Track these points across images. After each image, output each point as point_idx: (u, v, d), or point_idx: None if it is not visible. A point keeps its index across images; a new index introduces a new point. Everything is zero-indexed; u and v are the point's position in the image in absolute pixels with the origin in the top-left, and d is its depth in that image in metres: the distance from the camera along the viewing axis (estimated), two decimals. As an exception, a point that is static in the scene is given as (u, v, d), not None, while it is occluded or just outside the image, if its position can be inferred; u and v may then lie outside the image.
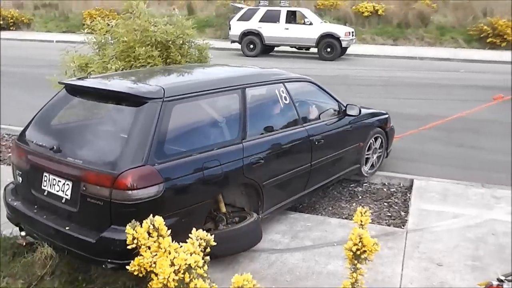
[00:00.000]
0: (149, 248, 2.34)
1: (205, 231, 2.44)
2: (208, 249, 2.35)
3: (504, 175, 5.89)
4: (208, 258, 2.32)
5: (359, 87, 11.76)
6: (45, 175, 3.54)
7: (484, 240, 4.26)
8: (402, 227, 4.65)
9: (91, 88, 3.84)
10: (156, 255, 2.32)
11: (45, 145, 3.59)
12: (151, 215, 2.50)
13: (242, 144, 3.90)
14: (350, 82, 12.51)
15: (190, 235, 2.36)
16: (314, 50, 17.93)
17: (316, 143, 4.66)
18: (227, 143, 3.83)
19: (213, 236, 2.45)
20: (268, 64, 12.51)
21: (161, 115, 3.38)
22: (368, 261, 2.56)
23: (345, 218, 4.85)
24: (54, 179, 3.47)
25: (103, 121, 3.89)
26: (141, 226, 2.43)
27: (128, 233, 2.35)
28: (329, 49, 17.30)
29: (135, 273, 2.36)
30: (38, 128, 3.86)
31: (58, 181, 3.44)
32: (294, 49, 19.13)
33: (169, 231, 2.44)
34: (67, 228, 3.33)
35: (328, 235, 4.39)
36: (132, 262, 2.35)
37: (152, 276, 2.29)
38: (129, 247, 2.34)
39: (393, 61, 17.24)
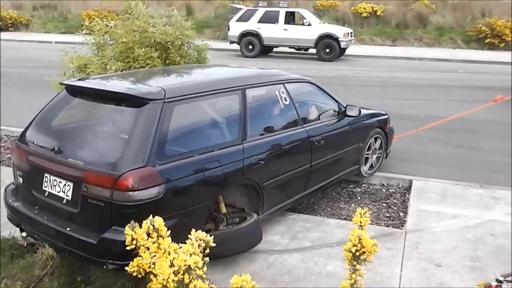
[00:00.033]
0: (148, 249, 2.33)
1: (206, 232, 2.45)
2: (208, 250, 2.34)
3: (503, 176, 5.90)
4: (208, 259, 2.32)
5: (358, 88, 11.77)
6: (46, 176, 3.55)
7: (483, 241, 4.27)
8: (401, 228, 4.66)
9: (92, 89, 3.85)
10: (155, 256, 2.31)
11: (46, 146, 3.59)
12: (152, 216, 2.50)
13: (243, 145, 3.91)
14: (349, 83, 12.51)
15: (190, 236, 2.36)
16: (313, 51, 17.94)
17: (316, 144, 4.67)
18: (228, 144, 3.83)
19: (214, 237, 2.45)
20: (267, 65, 12.50)
21: (162, 116, 3.38)
22: (367, 262, 2.56)
23: (344, 219, 4.85)
24: (55, 180, 3.48)
25: (104, 122, 3.89)
26: (141, 227, 2.43)
27: (127, 234, 2.35)
28: (328, 50, 17.32)
29: (134, 274, 2.35)
30: (39, 129, 3.86)
31: (59, 182, 3.45)
32: (293, 50, 19.13)
33: (170, 232, 2.43)
34: (68, 229, 3.33)
35: (327, 236, 4.39)
36: (131, 263, 2.34)
37: (151, 277, 2.28)
38: (128, 248, 2.34)
39: (392, 62, 17.25)
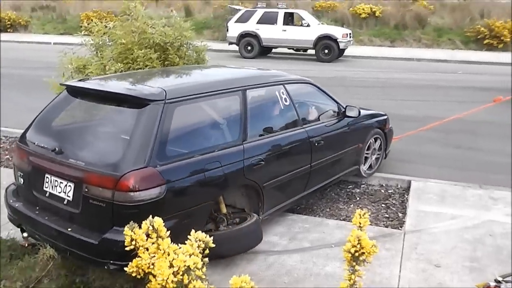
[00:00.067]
0: (147, 250, 2.33)
1: (206, 232, 2.46)
2: (207, 251, 2.35)
3: (502, 176, 5.92)
4: (207, 260, 2.32)
5: (357, 89, 11.79)
6: (47, 177, 3.55)
7: (482, 241, 4.28)
8: (400, 229, 4.66)
9: (93, 90, 3.85)
10: (155, 257, 2.30)
11: (47, 147, 3.60)
12: (153, 217, 2.48)
13: (243, 146, 3.92)
14: (348, 84, 12.53)
15: (189, 237, 2.36)
16: (312, 52, 17.96)
17: (316, 144, 4.68)
18: (228, 145, 3.84)
19: (214, 237, 2.46)
20: (266, 66, 12.48)
21: (163, 117, 3.39)
22: (366, 263, 2.56)
23: (343, 220, 4.85)
24: (56, 181, 3.48)
25: (105, 123, 3.88)
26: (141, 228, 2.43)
27: (126, 235, 2.34)
28: (327, 51, 17.34)
29: (133, 275, 2.35)
30: (40, 130, 3.86)
31: (60, 183, 3.45)
32: (292, 51, 19.16)
33: (171, 233, 2.42)
34: (69, 230, 3.34)
35: (326, 237, 4.40)
36: (130, 264, 2.34)
37: (150, 278, 2.27)
38: (127, 249, 2.34)
39: (391, 63, 17.28)
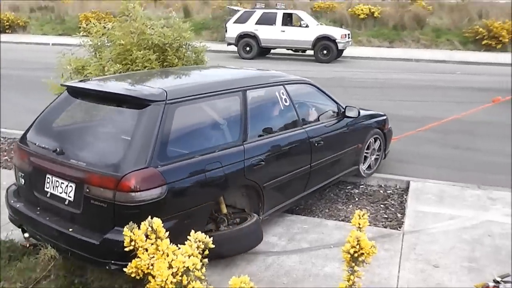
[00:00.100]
0: (147, 250, 2.33)
1: (207, 232, 2.46)
2: (207, 252, 2.35)
3: (500, 177, 5.94)
4: (206, 261, 2.33)
5: (355, 89, 11.82)
6: (48, 177, 3.56)
7: (480, 242, 4.29)
8: (399, 229, 4.68)
9: (93, 91, 3.86)
10: (154, 257, 2.30)
11: (48, 147, 3.61)
12: (151, 217, 2.48)
13: (243, 146, 3.93)
14: (347, 84, 12.55)
15: (189, 237, 2.36)
16: (311, 53, 17.99)
17: (316, 145, 4.70)
18: (229, 145, 3.85)
19: (215, 237, 2.46)
20: (265, 66, 12.42)
21: (164, 118, 3.40)
22: (366, 264, 2.57)
23: (342, 220, 4.87)
24: (57, 181, 3.49)
25: (106, 123, 3.88)
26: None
27: (126, 235, 2.34)
28: (325, 51, 17.36)
29: (133, 275, 2.35)
30: (41, 130, 3.87)
31: (61, 183, 3.46)
32: (291, 52, 19.18)
33: (172, 233, 2.42)
34: (70, 230, 3.35)
35: (325, 237, 4.40)
36: (129, 264, 2.34)
37: (150, 279, 2.28)
38: (127, 249, 2.34)
39: (389, 63, 17.31)
